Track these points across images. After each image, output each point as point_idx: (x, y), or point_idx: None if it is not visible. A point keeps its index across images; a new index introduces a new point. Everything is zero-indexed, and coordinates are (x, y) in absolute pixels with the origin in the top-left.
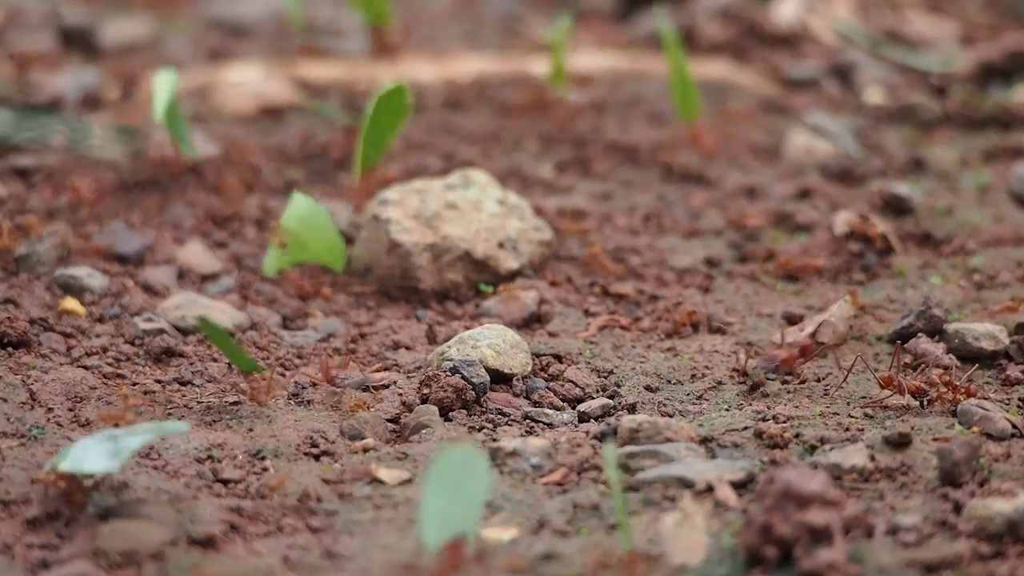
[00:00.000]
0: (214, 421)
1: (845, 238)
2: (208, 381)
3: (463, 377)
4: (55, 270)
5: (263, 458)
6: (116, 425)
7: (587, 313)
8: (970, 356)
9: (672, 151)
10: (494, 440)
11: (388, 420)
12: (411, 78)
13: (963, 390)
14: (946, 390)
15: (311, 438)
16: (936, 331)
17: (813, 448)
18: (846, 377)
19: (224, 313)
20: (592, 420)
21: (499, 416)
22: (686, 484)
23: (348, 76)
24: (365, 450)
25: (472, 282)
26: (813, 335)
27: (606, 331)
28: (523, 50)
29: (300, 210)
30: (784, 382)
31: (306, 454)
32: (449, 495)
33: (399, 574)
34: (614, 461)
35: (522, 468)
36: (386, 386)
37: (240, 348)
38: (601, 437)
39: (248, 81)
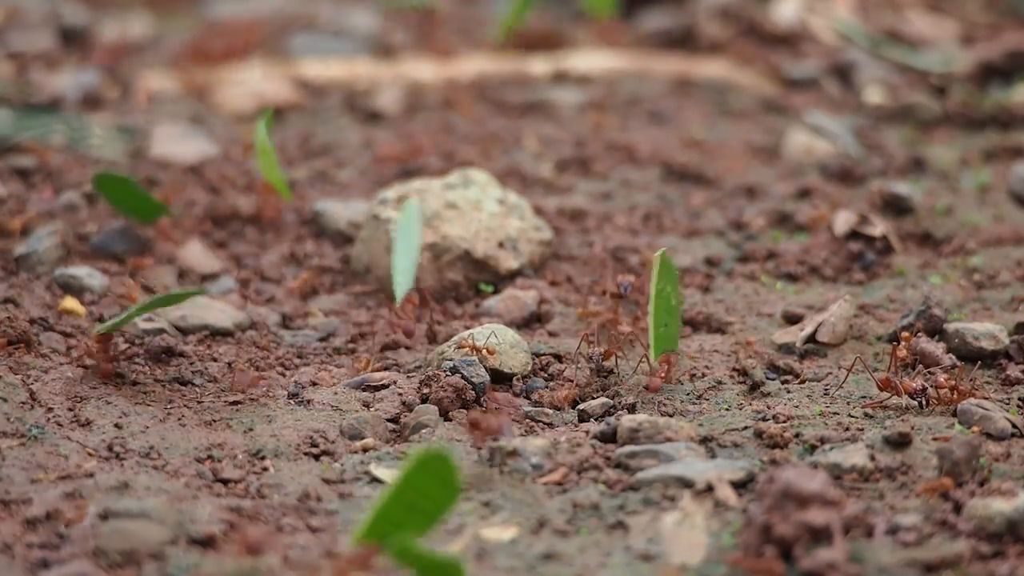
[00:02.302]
0: (214, 421)
1: (845, 238)
2: (208, 381)
3: (463, 377)
4: (55, 270)
5: (263, 458)
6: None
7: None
8: (970, 356)
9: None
10: (494, 440)
11: (388, 420)
12: (411, 78)
13: (967, 393)
14: (949, 393)
15: (311, 438)
16: (936, 331)
17: (813, 448)
18: (847, 377)
19: (224, 313)
20: (592, 420)
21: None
22: (686, 484)
23: (348, 76)
24: (365, 450)
25: (472, 282)
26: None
27: (605, 331)
28: (523, 50)
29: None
30: (784, 382)
31: (306, 454)
32: (406, 253)
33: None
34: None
35: (522, 468)
36: (386, 386)
37: (145, 194)
38: (601, 437)
39: (248, 80)
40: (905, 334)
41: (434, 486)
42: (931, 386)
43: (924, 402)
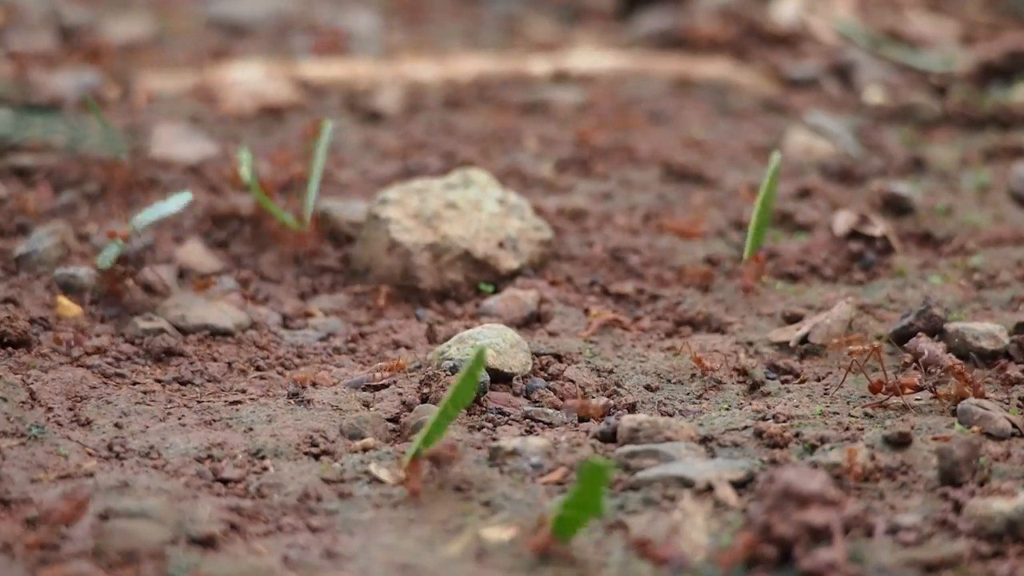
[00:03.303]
0: (214, 421)
1: (845, 238)
2: (208, 381)
3: None
4: (55, 270)
5: (263, 458)
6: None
7: (587, 312)
8: (970, 356)
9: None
10: (494, 439)
11: (388, 420)
12: (411, 78)
13: (977, 385)
14: (959, 382)
15: (311, 438)
16: (936, 331)
17: (813, 448)
18: (844, 377)
19: (224, 312)
20: (592, 419)
21: (499, 415)
22: (686, 484)
23: (348, 76)
24: (365, 449)
25: (472, 281)
26: None
27: (606, 330)
28: (523, 50)
29: None
30: (784, 382)
31: (306, 454)
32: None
33: (399, 574)
34: None
35: (522, 467)
36: (386, 385)
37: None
38: (601, 437)
39: (248, 81)
40: (876, 343)
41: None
42: (941, 372)
43: (932, 388)
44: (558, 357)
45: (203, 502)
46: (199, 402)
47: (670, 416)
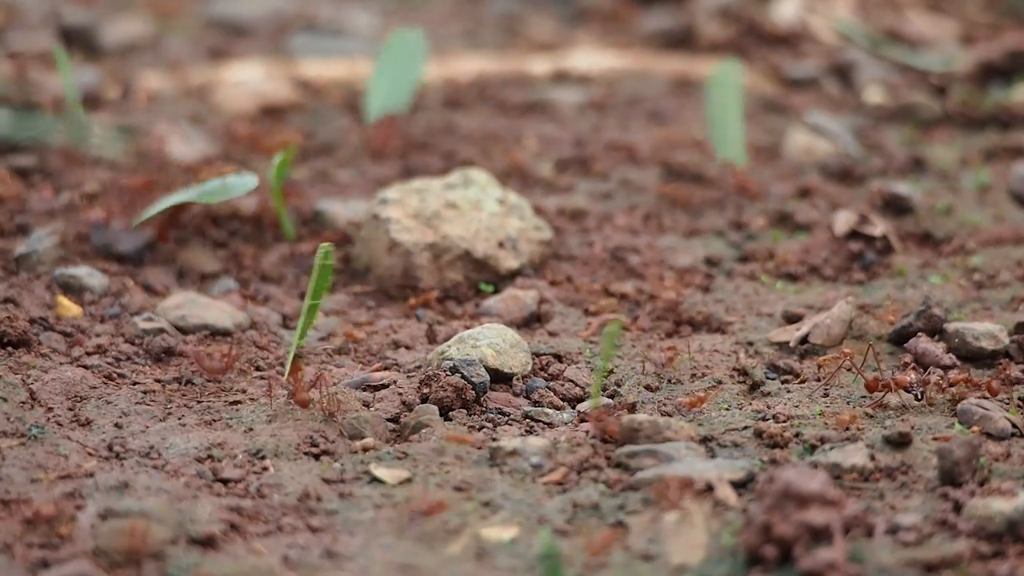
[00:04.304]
0: (214, 421)
1: (845, 238)
2: (208, 381)
3: (463, 376)
4: (55, 269)
5: (263, 458)
6: None
7: (587, 313)
8: (970, 355)
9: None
10: (494, 439)
11: (388, 419)
12: None
13: (985, 386)
14: (965, 387)
15: (311, 438)
16: (936, 330)
17: (813, 448)
18: (833, 373)
19: (224, 312)
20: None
21: (499, 415)
22: (686, 484)
23: (348, 76)
24: (365, 449)
25: (472, 281)
26: None
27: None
28: (523, 50)
29: None
30: (784, 381)
31: (306, 454)
32: (392, 77)
33: (399, 574)
34: None
35: (522, 467)
36: (386, 385)
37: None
38: (601, 437)
39: (248, 80)
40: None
41: None
42: (941, 379)
43: (920, 394)
44: (558, 357)
45: (203, 502)
46: (199, 402)
47: (670, 416)
